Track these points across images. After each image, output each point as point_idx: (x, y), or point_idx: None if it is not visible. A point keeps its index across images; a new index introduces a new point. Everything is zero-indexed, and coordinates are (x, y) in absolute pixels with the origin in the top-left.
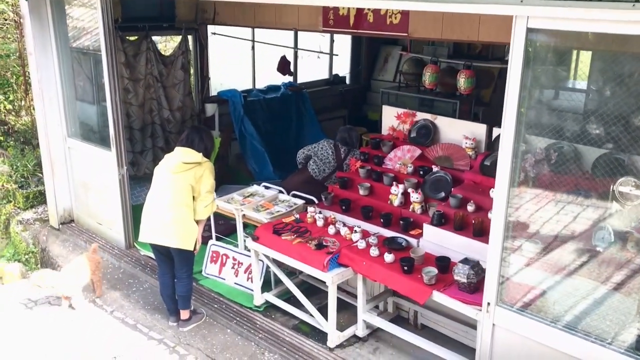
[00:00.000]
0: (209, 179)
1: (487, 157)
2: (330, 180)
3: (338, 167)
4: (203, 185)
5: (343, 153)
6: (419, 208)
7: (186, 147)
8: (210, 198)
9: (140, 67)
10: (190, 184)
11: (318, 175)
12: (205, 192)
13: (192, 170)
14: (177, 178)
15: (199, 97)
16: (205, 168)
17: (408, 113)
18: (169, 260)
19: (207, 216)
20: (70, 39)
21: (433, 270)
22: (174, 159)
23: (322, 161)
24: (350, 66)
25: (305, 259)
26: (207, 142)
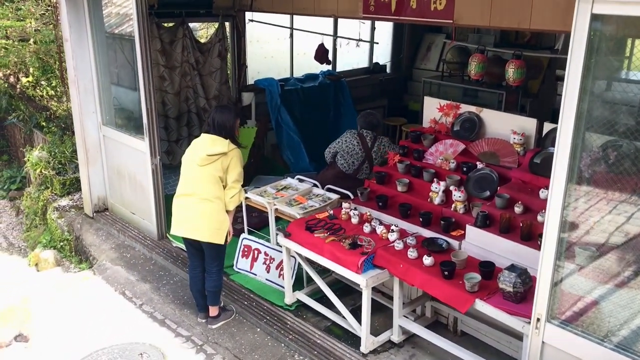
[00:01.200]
0: (235, 168)
1: (537, 154)
2: (362, 171)
3: (367, 156)
4: (229, 175)
5: (369, 140)
6: (461, 207)
7: (211, 133)
8: (237, 188)
9: (176, 54)
10: (218, 175)
11: (348, 169)
12: (232, 181)
13: (219, 161)
14: (203, 170)
15: (236, 86)
16: (232, 157)
17: (452, 105)
18: (200, 254)
19: (235, 206)
20: (105, 25)
21: (476, 276)
22: (199, 151)
23: (349, 154)
24: (391, 54)
25: (338, 259)
26: (227, 120)
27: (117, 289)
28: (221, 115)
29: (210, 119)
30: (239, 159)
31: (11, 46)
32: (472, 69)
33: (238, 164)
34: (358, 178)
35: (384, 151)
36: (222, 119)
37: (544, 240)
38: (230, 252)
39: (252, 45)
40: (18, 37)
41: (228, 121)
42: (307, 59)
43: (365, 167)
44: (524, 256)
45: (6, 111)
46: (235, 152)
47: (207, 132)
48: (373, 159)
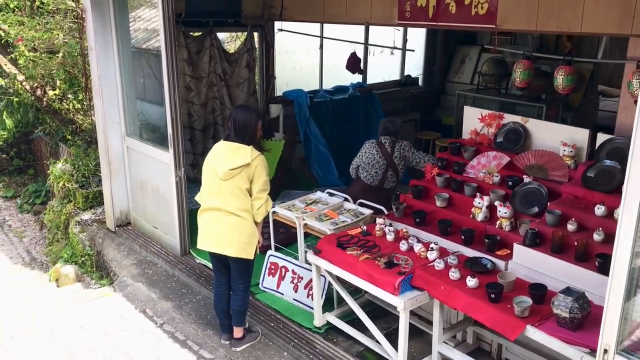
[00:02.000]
0: (260, 177)
1: (591, 167)
2: (388, 180)
3: (389, 163)
4: (255, 185)
5: (389, 146)
6: (507, 224)
7: (231, 140)
8: (263, 198)
9: (203, 64)
10: (244, 187)
11: (372, 181)
12: (258, 192)
13: (243, 172)
14: (227, 184)
15: (264, 97)
16: (257, 165)
17: (494, 115)
18: (226, 270)
19: (263, 217)
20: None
21: (526, 300)
22: (221, 164)
23: (370, 165)
24: (424, 67)
25: (373, 279)
26: (249, 122)
27: (138, 307)
28: (243, 115)
29: (231, 122)
30: (263, 167)
31: (39, 58)
32: (517, 77)
33: (263, 172)
34: (385, 188)
35: (406, 156)
36: (244, 119)
37: (613, 262)
38: (257, 270)
39: (281, 56)
40: (46, 49)
41: (250, 123)
42: (337, 71)
43: (390, 175)
44: (579, 278)
45: (33, 124)
46: (259, 160)
47: (227, 139)
48: (396, 164)
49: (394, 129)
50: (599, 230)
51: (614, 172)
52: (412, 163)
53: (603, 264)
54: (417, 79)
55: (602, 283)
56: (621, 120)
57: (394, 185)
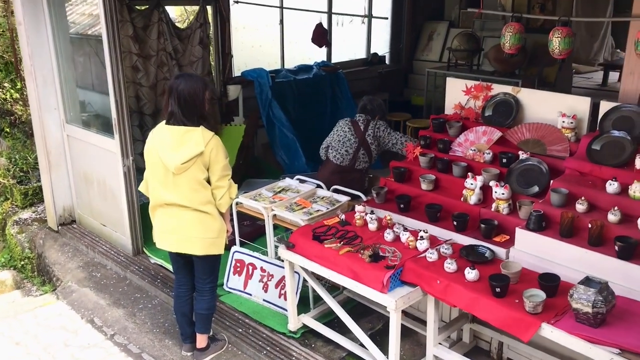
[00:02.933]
0: (217, 162)
1: (596, 138)
2: (359, 160)
3: (361, 141)
4: (213, 173)
5: (362, 124)
6: (505, 207)
7: (174, 123)
8: (224, 186)
9: (151, 41)
10: (202, 177)
11: (342, 160)
12: (217, 179)
13: (198, 162)
14: (181, 178)
15: (220, 78)
16: (212, 149)
17: (481, 86)
18: (188, 267)
19: (229, 205)
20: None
21: (539, 293)
22: (168, 155)
23: (341, 143)
24: (390, 45)
25: (356, 275)
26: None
27: (85, 316)
28: (187, 85)
29: (173, 97)
30: (220, 149)
31: None
32: (506, 41)
33: (221, 156)
34: (357, 169)
35: (380, 136)
36: (190, 91)
37: None
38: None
39: (238, 32)
40: None
41: (197, 95)
42: (300, 49)
43: (362, 155)
44: (596, 266)
45: None
46: (214, 143)
47: (170, 122)
48: (369, 144)
49: (371, 108)
50: (614, 210)
51: (624, 144)
52: (389, 144)
53: (625, 248)
54: (384, 57)
55: (624, 270)
56: (626, 87)
57: (366, 166)
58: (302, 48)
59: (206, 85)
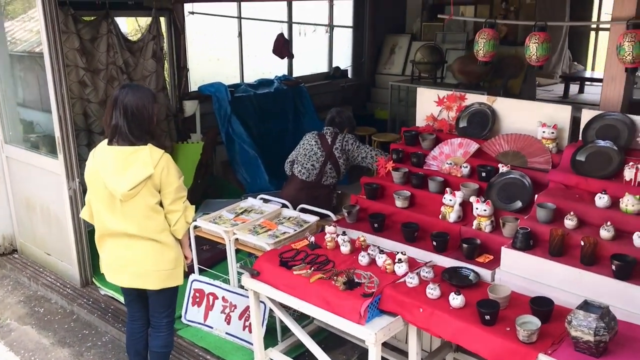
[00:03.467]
0: (170, 183)
1: (580, 149)
2: (327, 175)
3: (328, 156)
4: (165, 196)
5: (330, 137)
6: (487, 224)
7: (119, 143)
8: (179, 210)
9: (99, 54)
10: (154, 202)
11: (308, 176)
12: (171, 202)
13: (147, 186)
14: (131, 204)
15: (176, 93)
16: (162, 169)
17: (454, 96)
18: (142, 300)
19: (186, 230)
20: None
21: (533, 320)
22: (115, 183)
23: (307, 157)
24: (352, 58)
25: (330, 305)
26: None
27: (25, 359)
28: (135, 97)
29: (118, 110)
30: (171, 168)
31: None
32: (480, 49)
33: (173, 176)
34: (324, 185)
35: (349, 150)
36: (137, 104)
37: None
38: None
39: (194, 44)
40: None
41: (146, 108)
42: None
43: (329, 169)
44: (591, 287)
45: None
46: (165, 162)
47: (113, 142)
48: (337, 158)
49: (340, 120)
50: (607, 225)
51: (610, 154)
52: (358, 159)
53: (622, 267)
54: (346, 71)
55: (622, 292)
56: (607, 94)
57: (333, 182)
58: (263, 61)
59: (154, 98)
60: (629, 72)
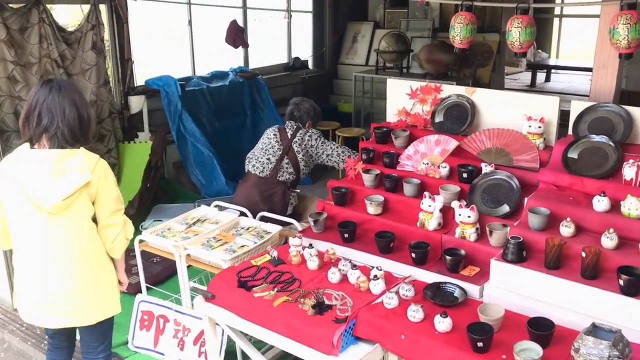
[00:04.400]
0: (108, 193)
1: (571, 145)
2: (283, 170)
3: (285, 150)
4: (102, 207)
5: (290, 130)
6: (472, 232)
7: (52, 145)
8: (118, 223)
9: (31, 46)
10: (89, 216)
11: (263, 170)
12: (109, 215)
13: (83, 196)
14: (59, 219)
15: (120, 88)
16: (99, 176)
17: (429, 87)
18: (69, 330)
19: (125, 248)
20: None
21: (533, 347)
22: (43, 192)
23: (263, 151)
24: (313, 48)
25: (297, 333)
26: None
27: None
28: (69, 92)
29: (45, 110)
30: (108, 176)
31: None
32: (456, 35)
33: (110, 185)
34: (280, 181)
35: (312, 146)
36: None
37: None
38: (124, 321)
39: (140, 35)
40: None
41: (85, 106)
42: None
43: (285, 164)
44: (594, 304)
45: None
46: (101, 168)
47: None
48: (296, 153)
49: (299, 114)
50: (608, 233)
51: (606, 150)
52: (322, 156)
53: (631, 282)
54: (306, 62)
55: (631, 309)
56: (598, 82)
57: (290, 179)
58: (216, 52)
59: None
60: (622, 59)
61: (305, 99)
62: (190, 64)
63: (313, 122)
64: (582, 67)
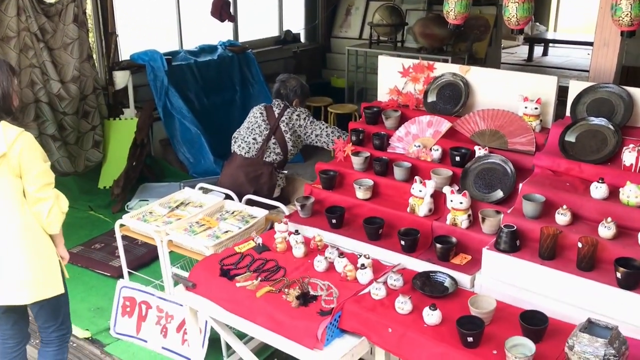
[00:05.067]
0: (33, 165)
1: (569, 128)
2: (270, 150)
3: (272, 129)
4: (28, 181)
5: (277, 109)
6: (464, 219)
7: None
8: (49, 196)
9: (8, 19)
10: (16, 189)
11: (248, 150)
12: (37, 189)
13: (3, 171)
14: None
15: (104, 63)
16: (21, 149)
17: (421, 65)
18: (14, 314)
19: (60, 223)
20: None
21: (526, 343)
22: None
23: (249, 130)
24: (305, 21)
25: (280, 326)
26: None
27: None
28: None
29: None
30: (32, 149)
31: None
32: (450, 10)
33: (34, 158)
34: (266, 162)
35: (300, 125)
36: None
37: None
38: (105, 307)
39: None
40: None
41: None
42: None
43: (272, 144)
44: (589, 298)
45: None
46: (23, 141)
47: None
48: (284, 132)
49: (285, 92)
50: (606, 222)
51: (605, 134)
52: (312, 136)
53: (629, 275)
54: (298, 35)
55: (628, 303)
56: (598, 61)
57: (277, 160)
58: (204, 25)
59: (12, 69)
60: (624, 37)
61: (293, 76)
62: (177, 38)
63: (301, 101)
64: (581, 41)
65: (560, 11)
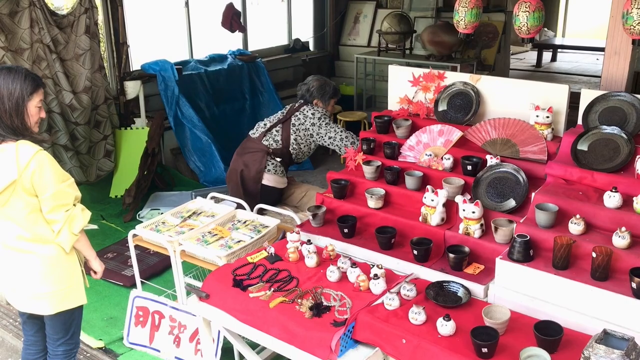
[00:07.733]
0: (45, 189)
1: (581, 137)
2: (270, 136)
3: (282, 120)
4: (42, 203)
5: (296, 105)
6: (477, 228)
7: None
8: (59, 219)
9: (22, 31)
10: (31, 206)
11: (255, 132)
12: (49, 211)
13: (17, 192)
14: (2, 214)
15: (116, 73)
16: (33, 171)
17: (432, 75)
18: (37, 323)
19: (71, 244)
20: None
21: (542, 354)
22: None
23: (269, 118)
24: (314, 29)
25: (295, 337)
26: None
27: None
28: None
29: None
30: (45, 170)
31: None
32: (460, 19)
33: (47, 180)
34: (262, 144)
35: (314, 124)
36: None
37: None
38: (119, 317)
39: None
40: None
41: (20, 95)
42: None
43: (276, 131)
44: (604, 308)
45: None
46: (37, 162)
47: None
48: (292, 124)
49: (303, 93)
50: (620, 232)
51: (617, 142)
52: (325, 138)
53: None
54: (307, 43)
55: None
56: (610, 70)
57: (274, 146)
58: (214, 35)
59: (38, 84)
60: (636, 45)
61: (318, 77)
62: (187, 47)
63: (322, 101)
64: (589, 46)
65: (569, 17)
